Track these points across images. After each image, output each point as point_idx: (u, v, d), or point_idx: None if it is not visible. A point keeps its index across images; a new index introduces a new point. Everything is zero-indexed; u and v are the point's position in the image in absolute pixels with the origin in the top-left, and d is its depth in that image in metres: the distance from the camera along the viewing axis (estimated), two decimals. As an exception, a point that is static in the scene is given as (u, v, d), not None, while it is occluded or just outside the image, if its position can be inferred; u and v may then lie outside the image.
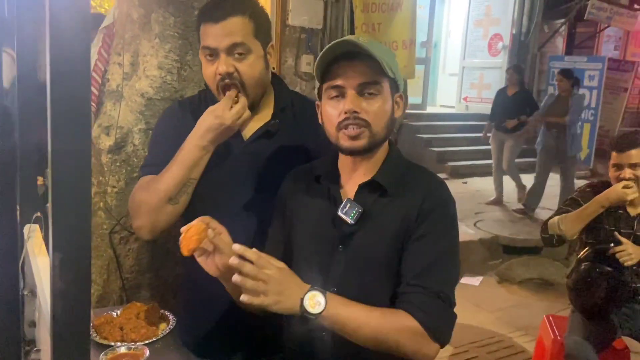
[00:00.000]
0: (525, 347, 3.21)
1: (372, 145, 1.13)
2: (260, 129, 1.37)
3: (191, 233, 1.05)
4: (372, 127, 1.10)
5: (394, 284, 1.13)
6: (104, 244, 1.83)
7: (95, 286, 1.89)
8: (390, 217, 1.13)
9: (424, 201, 1.12)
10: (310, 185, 1.24)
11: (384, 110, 1.12)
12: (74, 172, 0.53)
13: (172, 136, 1.36)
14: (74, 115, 0.52)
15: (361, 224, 1.13)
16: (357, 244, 1.14)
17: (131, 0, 1.75)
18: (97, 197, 1.83)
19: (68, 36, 0.52)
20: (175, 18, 1.71)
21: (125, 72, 1.76)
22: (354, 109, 1.09)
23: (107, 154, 1.78)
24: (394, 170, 1.17)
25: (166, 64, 1.74)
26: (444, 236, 1.13)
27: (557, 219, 2.32)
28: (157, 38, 1.73)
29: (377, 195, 1.15)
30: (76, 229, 0.54)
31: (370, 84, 1.10)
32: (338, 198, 1.18)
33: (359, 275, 1.14)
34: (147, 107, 1.76)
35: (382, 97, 1.12)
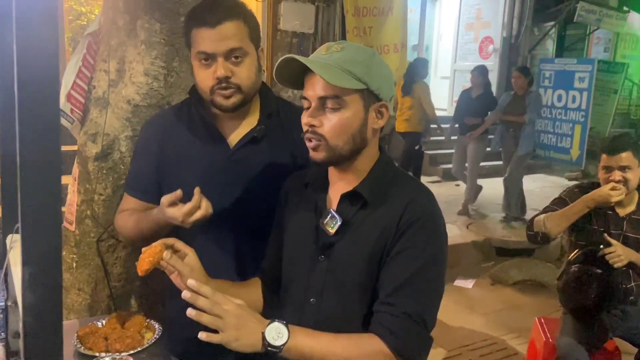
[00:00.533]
0: (518, 349, 3.21)
1: (333, 159, 1.09)
2: (246, 136, 1.36)
3: (146, 255, 1.07)
4: (329, 141, 1.07)
5: (370, 297, 1.09)
6: (92, 252, 1.82)
7: (83, 295, 1.87)
8: (369, 230, 1.09)
9: (404, 213, 1.07)
10: (301, 193, 1.23)
11: (345, 124, 1.07)
12: (44, 183, 0.52)
13: (154, 152, 1.37)
14: (43, 124, 0.51)
15: (341, 235, 1.11)
16: (336, 255, 1.11)
17: (117, 6, 1.74)
18: (84, 205, 1.81)
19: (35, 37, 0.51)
20: (161, 24, 1.70)
21: (111, 78, 1.75)
22: (310, 122, 1.07)
23: (93, 162, 1.77)
24: (378, 180, 1.13)
25: (152, 71, 1.73)
26: (423, 251, 1.06)
27: (542, 217, 2.32)
28: (143, 44, 1.72)
29: (358, 206, 1.12)
30: (46, 243, 0.53)
31: (329, 97, 1.06)
32: (322, 207, 1.16)
33: (338, 287, 1.11)
34: (133, 113, 1.75)
35: (346, 111, 1.06)
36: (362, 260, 1.09)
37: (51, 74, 0.54)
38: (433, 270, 1.07)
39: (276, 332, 0.97)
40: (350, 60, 1.05)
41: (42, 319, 0.55)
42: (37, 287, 0.53)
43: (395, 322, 1.01)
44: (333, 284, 1.11)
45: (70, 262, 1.88)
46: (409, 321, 1.01)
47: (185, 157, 1.35)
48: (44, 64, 0.53)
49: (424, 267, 1.05)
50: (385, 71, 1.12)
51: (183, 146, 1.35)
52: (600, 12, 7.78)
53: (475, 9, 8.87)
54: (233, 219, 1.35)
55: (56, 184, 0.55)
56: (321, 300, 1.11)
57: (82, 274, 1.85)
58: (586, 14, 7.56)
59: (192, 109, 1.37)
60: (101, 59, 1.78)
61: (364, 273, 1.09)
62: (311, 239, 1.15)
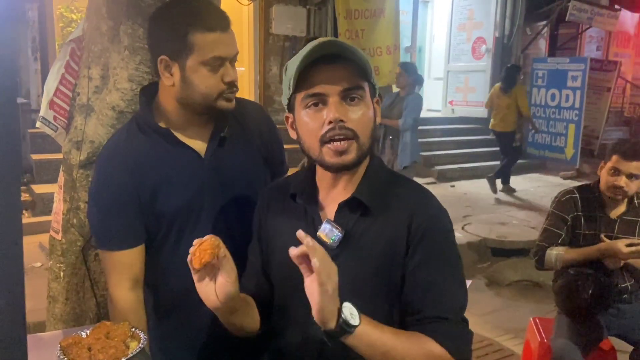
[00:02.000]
0: (514, 350, 3.19)
1: (360, 159, 1.02)
2: (213, 139, 1.32)
3: (205, 246, 0.98)
4: (360, 137, 1.00)
5: (383, 310, 1.04)
6: (79, 261, 1.80)
7: (70, 304, 1.85)
8: (374, 240, 1.03)
9: (412, 220, 1.01)
10: (287, 205, 1.14)
11: (368, 117, 1.02)
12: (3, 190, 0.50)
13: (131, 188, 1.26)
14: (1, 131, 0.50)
15: (343, 247, 1.03)
16: (340, 268, 1.01)
17: (100, 12, 1.72)
18: (70, 214, 1.79)
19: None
20: (145, 29, 1.68)
21: (95, 85, 1.73)
22: (340, 117, 0.97)
23: (78, 169, 1.74)
24: (375, 184, 1.07)
25: (137, 76, 1.71)
26: (445, 255, 1.03)
27: (554, 257, 2.25)
28: (126, 50, 1.70)
29: (358, 214, 1.04)
30: (6, 254, 0.51)
31: (354, 88, 0.99)
32: (317, 219, 1.08)
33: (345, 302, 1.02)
34: (118, 120, 1.72)
35: (365, 103, 1.01)
36: (368, 274, 1.02)
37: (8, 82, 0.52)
38: (457, 269, 1.06)
39: (349, 312, 0.91)
40: (358, 52, 1.00)
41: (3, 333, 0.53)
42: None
43: (450, 329, 1.00)
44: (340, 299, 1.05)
45: (58, 271, 1.85)
46: (459, 326, 1.01)
47: (163, 181, 1.28)
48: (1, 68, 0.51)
49: (451, 270, 1.04)
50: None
51: (158, 170, 1.28)
52: (591, 10, 7.82)
53: (467, 10, 8.90)
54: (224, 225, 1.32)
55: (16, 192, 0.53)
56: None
57: (70, 283, 1.83)
58: (578, 12, 7.59)
59: (145, 127, 1.30)
60: (84, 65, 1.76)
61: (371, 288, 1.03)
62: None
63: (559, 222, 2.31)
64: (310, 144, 1.02)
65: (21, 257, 0.55)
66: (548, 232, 2.32)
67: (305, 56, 0.96)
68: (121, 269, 1.30)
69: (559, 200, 2.36)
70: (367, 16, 6.41)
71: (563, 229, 2.30)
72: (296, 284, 1.07)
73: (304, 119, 1.02)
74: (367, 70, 1.00)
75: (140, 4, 1.65)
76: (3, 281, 0.53)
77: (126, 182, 1.26)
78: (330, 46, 0.97)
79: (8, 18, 0.51)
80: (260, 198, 1.21)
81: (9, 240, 0.53)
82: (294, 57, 1.02)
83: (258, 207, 1.21)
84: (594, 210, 2.28)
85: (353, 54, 0.98)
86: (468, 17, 8.93)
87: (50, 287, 1.88)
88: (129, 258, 1.30)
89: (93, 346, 1.21)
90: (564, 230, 2.30)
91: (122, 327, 1.28)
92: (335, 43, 0.97)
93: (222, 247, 1.00)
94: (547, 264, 2.29)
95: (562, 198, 2.36)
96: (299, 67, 0.98)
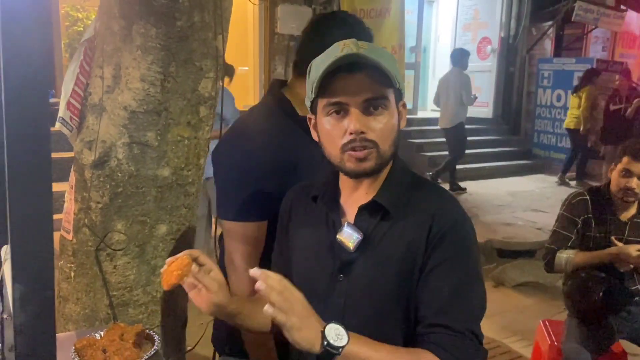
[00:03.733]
0: (521, 352, 3.18)
1: (380, 167, 1.02)
2: None
3: (173, 267, 0.97)
4: (380, 147, 0.99)
5: (402, 318, 1.01)
6: (89, 261, 1.79)
7: (81, 304, 1.84)
8: (394, 244, 1.01)
9: (432, 225, 0.99)
10: (309, 207, 1.13)
11: (391, 126, 1.00)
12: (34, 196, 0.49)
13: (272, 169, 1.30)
14: (33, 133, 0.49)
15: (362, 251, 1.02)
16: (358, 273, 1.02)
17: (112, 12, 1.72)
18: (81, 214, 1.79)
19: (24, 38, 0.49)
20: (157, 29, 1.68)
21: (107, 85, 1.73)
22: (361, 129, 0.96)
23: (90, 169, 1.74)
24: (397, 188, 1.05)
25: (149, 76, 1.70)
26: (461, 262, 0.99)
27: (564, 260, 2.24)
28: (138, 50, 1.69)
29: (378, 218, 1.03)
30: (38, 259, 0.51)
31: (377, 99, 0.98)
32: (337, 221, 1.06)
33: (362, 308, 1.02)
34: (130, 120, 1.72)
35: (389, 112, 1.00)
36: (388, 279, 1.00)
37: (40, 78, 0.52)
38: (474, 279, 1.01)
39: (335, 333, 0.89)
40: (383, 56, 0.98)
41: (34, 338, 0.52)
42: (28, 305, 0.51)
43: (454, 342, 0.95)
44: (356, 305, 1.02)
45: (68, 271, 1.85)
46: (466, 340, 0.96)
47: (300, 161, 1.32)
48: (33, 66, 0.50)
49: (465, 279, 0.99)
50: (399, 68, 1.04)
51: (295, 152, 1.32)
52: (597, 11, 7.79)
53: (473, 10, 8.88)
54: None
55: (47, 196, 0.52)
56: (344, 322, 1.02)
57: (80, 284, 1.82)
58: (584, 13, 7.57)
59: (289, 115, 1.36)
60: (97, 65, 1.76)
61: (391, 293, 1.00)
62: (327, 257, 1.06)
63: (569, 224, 2.29)
64: (331, 150, 1.03)
65: (52, 262, 0.55)
66: (558, 235, 2.31)
67: (330, 65, 0.96)
68: (247, 240, 1.32)
69: (570, 203, 2.34)
70: (373, 16, 6.39)
71: (573, 232, 2.28)
72: (311, 287, 1.07)
73: (325, 126, 1.02)
74: (393, 77, 0.98)
75: (152, 3, 1.65)
76: (33, 287, 0.53)
77: (269, 158, 1.30)
78: (353, 57, 0.96)
79: (39, 19, 0.51)
80: (285, 199, 1.21)
81: (40, 242, 0.52)
82: (318, 59, 1.01)
83: (282, 208, 1.21)
84: (605, 213, 2.26)
85: (378, 63, 0.96)
86: (473, 17, 8.91)
87: (60, 287, 1.88)
88: (255, 231, 1.32)
89: (108, 348, 1.21)
90: (574, 232, 2.28)
91: (137, 329, 1.28)
92: (359, 55, 0.95)
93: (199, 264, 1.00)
94: (556, 267, 2.28)
95: (572, 200, 2.34)
96: (321, 76, 0.97)
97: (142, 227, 1.79)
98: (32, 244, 0.51)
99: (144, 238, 1.80)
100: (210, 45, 1.79)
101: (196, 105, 1.81)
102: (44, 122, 0.52)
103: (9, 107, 0.49)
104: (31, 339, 0.53)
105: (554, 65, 7.76)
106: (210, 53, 1.80)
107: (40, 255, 0.52)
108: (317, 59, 1.01)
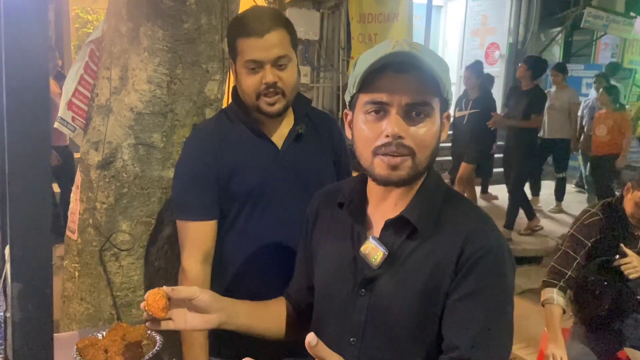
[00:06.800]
0: (527, 359, 3.15)
1: (413, 178, 0.94)
2: (290, 134, 1.41)
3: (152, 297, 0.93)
4: (417, 156, 0.92)
5: (422, 340, 0.95)
6: (94, 261, 1.80)
7: (85, 304, 1.85)
8: (420, 262, 0.94)
9: (465, 247, 0.92)
10: (333, 212, 1.07)
11: (431, 136, 0.93)
12: (33, 195, 0.49)
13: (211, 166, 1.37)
14: (32, 135, 0.49)
15: (386, 268, 0.96)
16: (381, 291, 0.96)
17: (120, 14, 1.73)
18: (86, 214, 1.79)
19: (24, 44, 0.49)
20: (164, 31, 1.69)
21: (114, 86, 1.74)
22: (400, 133, 0.89)
23: (96, 170, 1.75)
24: (428, 203, 0.97)
25: (155, 78, 1.71)
26: (495, 292, 0.92)
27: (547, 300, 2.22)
28: (146, 52, 1.70)
29: (405, 234, 0.96)
30: (36, 257, 0.51)
31: (421, 104, 0.90)
32: (362, 233, 1.00)
33: (383, 327, 0.96)
34: (136, 121, 1.73)
35: (431, 121, 0.92)
36: (412, 299, 0.94)
37: (41, 82, 0.52)
38: (506, 313, 0.93)
39: None
40: (436, 62, 0.91)
41: (31, 336, 0.52)
42: (27, 303, 0.51)
43: None
44: (377, 323, 0.96)
45: (73, 271, 1.86)
46: None
47: (241, 164, 1.38)
48: (34, 70, 0.51)
49: (497, 312, 0.92)
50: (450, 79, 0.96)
51: (238, 153, 1.39)
52: (607, 17, 7.75)
53: (481, 15, 8.85)
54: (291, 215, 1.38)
55: (46, 195, 0.52)
56: (362, 340, 0.97)
57: (85, 283, 1.83)
58: (593, 19, 7.53)
59: (233, 117, 1.41)
60: (104, 67, 1.77)
61: (415, 313, 0.94)
62: (349, 270, 1.00)
63: (577, 246, 2.23)
64: (363, 151, 0.95)
65: (50, 261, 0.55)
66: (565, 257, 2.24)
67: (378, 60, 0.89)
68: (194, 241, 1.39)
69: (582, 224, 2.26)
70: (381, 20, 6.40)
71: (580, 253, 2.23)
72: (331, 300, 1.03)
73: (361, 125, 0.95)
74: (442, 85, 0.92)
75: (160, 6, 1.66)
76: (32, 285, 0.53)
77: (208, 160, 1.37)
78: (405, 55, 0.89)
79: (38, 19, 0.51)
80: (312, 202, 1.16)
81: (39, 240, 0.52)
82: (367, 53, 0.94)
83: (308, 212, 1.16)
84: (617, 228, 2.22)
85: (430, 67, 0.89)
86: (482, 23, 8.88)
87: (64, 286, 1.89)
88: (202, 232, 1.39)
89: (109, 348, 1.21)
90: (581, 254, 2.24)
91: (139, 329, 1.28)
92: (411, 55, 0.89)
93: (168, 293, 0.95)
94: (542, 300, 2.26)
95: (585, 221, 2.26)
96: (367, 70, 0.90)
97: (146, 228, 1.80)
98: (31, 242, 0.51)
99: (149, 239, 1.81)
100: (217, 48, 1.80)
101: (202, 107, 1.82)
102: (44, 122, 0.53)
103: (10, 107, 0.49)
104: (29, 336, 0.52)
105: (563, 71, 7.70)
106: (216, 55, 1.81)
107: (39, 253, 0.52)
108: (366, 53, 0.94)
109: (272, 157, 1.40)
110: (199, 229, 1.38)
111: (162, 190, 1.79)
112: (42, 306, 0.53)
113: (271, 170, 1.39)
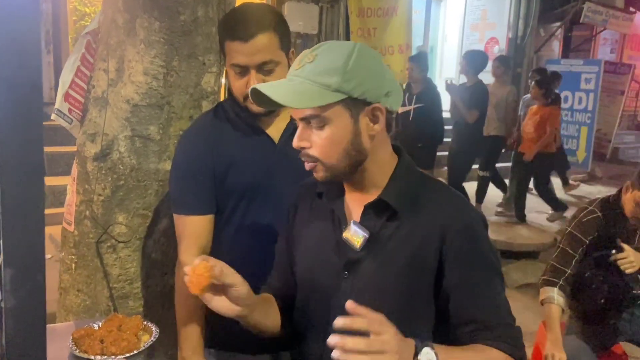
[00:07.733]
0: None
1: (334, 176, 1.00)
2: (287, 128, 1.40)
3: (200, 271, 0.94)
4: (324, 161, 0.98)
5: (411, 318, 0.99)
6: (91, 253, 1.80)
7: (82, 296, 1.86)
8: (402, 243, 0.99)
9: (447, 230, 0.98)
10: (313, 203, 1.12)
11: (333, 141, 0.96)
12: (26, 179, 0.50)
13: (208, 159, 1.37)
14: (25, 122, 0.49)
15: (368, 250, 1.00)
16: (365, 272, 1.01)
17: (116, 5, 1.73)
18: (83, 206, 1.80)
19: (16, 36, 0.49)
20: (161, 23, 1.68)
21: (110, 78, 1.74)
22: (300, 144, 0.98)
23: (92, 162, 1.75)
24: (404, 186, 1.02)
25: (152, 70, 1.71)
26: (487, 264, 1.01)
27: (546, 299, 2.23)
28: (142, 43, 1.70)
29: (385, 217, 1.01)
30: (29, 242, 0.51)
31: (310, 118, 0.95)
32: (342, 219, 1.05)
33: (370, 307, 0.97)
34: (132, 113, 1.73)
35: (331, 127, 0.95)
36: (397, 278, 0.99)
37: (33, 72, 0.52)
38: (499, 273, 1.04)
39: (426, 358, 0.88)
40: (322, 71, 0.93)
41: (24, 323, 0.53)
42: (19, 289, 0.51)
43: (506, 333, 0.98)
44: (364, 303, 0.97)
45: (69, 263, 1.86)
46: (513, 329, 1.00)
47: (238, 158, 1.37)
48: (26, 62, 0.51)
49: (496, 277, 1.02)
50: (373, 68, 0.96)
51: (235, 148, 1.38)
52: (606, 12, 7.75)
53: (481, 10, 8.84)
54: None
55: (38, 182, 0.52)
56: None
57: (81, 275, 1.83)
58: (592, 14, 7.53)
59: (230, 111, 1.40)
60: (100, 58, 1.77)
61: (400, 292, 0.99)
62: (332, 255, 1.05)
63: (576, 243, 2.23)
64: None
65: (42, 246, 0.55)
66: (563, 254, 2.25)
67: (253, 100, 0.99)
68: (191, 235, 1.38)
69: (580, 221, 2.26)
70: (380, 15, 6.38)
71: (578, 251, 2.23)
72: (315, 285, 1.07)
73: None
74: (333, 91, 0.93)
75: (156, -3, 1.65)
76: (24, 271, 0.53)
77: (205, 155, 1.36)
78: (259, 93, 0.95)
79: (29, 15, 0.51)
80: (291, 196, 1.20)
81: (31, 225, 0.52)
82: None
83: (289, 205, 1.20)
84: (615, 224, 2.22)
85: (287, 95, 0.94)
86: (481, 18, 8.87)
87: (61, 278, 1.89)
88: (199, 226, 1.38)
89: (105, 338, 1.21)
90: (579, 251, 2.24)
91: (135, 320, 1.28)
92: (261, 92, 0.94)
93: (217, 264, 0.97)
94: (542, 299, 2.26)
95: (583, 219, 2.26)
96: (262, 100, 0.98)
97: (143, 221, 1.80)
98: (23, 227, 0.51)
99: (145, 231, 1.81)
100: (213, 40, 1.80)
101: (199, 100, 1.82)
102: (36, 109, 0.53)
103: (1, 99, 0.50)
104: (21, 323, 0.53)
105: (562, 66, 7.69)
106: (213, 48, 1.81)
107: (31, 239, 0.52)
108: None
109: (269, 152, 1.39)
110: (196, 223, 1.38)
111: (159, 183, 1.79)
112: (35, 292, 0.53)
113: (268, 164, 1.38)
